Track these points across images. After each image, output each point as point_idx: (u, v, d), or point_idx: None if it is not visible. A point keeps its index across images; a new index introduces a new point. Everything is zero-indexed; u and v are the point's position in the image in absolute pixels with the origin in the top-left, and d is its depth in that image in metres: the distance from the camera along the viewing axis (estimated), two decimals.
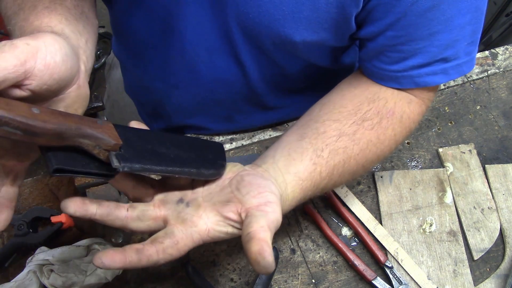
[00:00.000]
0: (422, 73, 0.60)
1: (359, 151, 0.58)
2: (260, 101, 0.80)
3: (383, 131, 0.60)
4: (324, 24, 0.59)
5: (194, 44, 0.67)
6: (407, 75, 0.61)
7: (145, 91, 0.85)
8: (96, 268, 0.61)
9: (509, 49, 0.97)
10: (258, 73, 0.72)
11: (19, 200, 0.75)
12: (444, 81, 0.62)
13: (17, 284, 0.60)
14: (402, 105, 0.62)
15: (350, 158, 0.58)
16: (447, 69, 0.60)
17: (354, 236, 0.73)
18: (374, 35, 0.59)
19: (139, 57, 0.77)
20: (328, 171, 0.56)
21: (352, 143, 0.58)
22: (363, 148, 0.58)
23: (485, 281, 0.70)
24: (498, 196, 0.77)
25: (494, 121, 0.86)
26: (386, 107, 0.61)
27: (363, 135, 0.59)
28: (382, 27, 0.57)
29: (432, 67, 0.59)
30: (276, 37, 0.62)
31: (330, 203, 0.75)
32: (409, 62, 0.59)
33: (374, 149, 0.59)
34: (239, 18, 0.61)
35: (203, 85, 0.75)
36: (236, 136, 0.84)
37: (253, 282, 0.68)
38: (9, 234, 0.72)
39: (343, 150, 0.57)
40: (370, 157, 0.60)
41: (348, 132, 0.58)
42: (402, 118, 0.62)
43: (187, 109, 0.82)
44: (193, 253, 0.71)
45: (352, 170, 0.59)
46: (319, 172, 0.56)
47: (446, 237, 0.73)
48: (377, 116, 0.60)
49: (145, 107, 0.93)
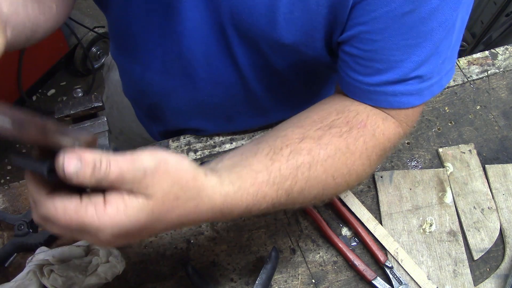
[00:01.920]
0: (397, 91, 0.56)
1: (327, 157, 0.52)
2: (258, 103, 0.80)
3: (353, 140, 0.54)
4: (317, 25, 0.58)
5: (191, 48, 0.67)
6: (381, 91, 0.56)
7: (143, 95, 0.85)
8: (96, 268, 0.61)
9: (509, 49, 0.97)
10: (255, 75, 0.72)
11: (19, 200, 0.75)
12: (418, 102, 0.57)
13: (17, 284, 0.60)
14: (376, 119, 0.57)
15: (317, 162, 0.52)
16: (422, 89, 0.56)
17: (354, 236, 0.73)
18: (350, 37, 0.56)
19: (136, 61, 0.77)
20: (291, 170, 0.50)
21: (318, 146, 0.52)
22: (331, 154, 0.52)
23: (485, 281, 0.70)
24: (498, 196, 0.77)
25: (494, 121, 0.86)
26: (356, 118, 0.56)
27: (330, 141, 0.53)
28: (358, 27, 0.54)
29: (407, 85, 0.56)
30: (270, 39, 0.61)
31: (330, 203, 0.75)
32: (384, 77, 0.55)
33: (343, 158, 0.53)
34: (233, 21, 0.61)
35: (200, 88, 0.75)
36: (236, 136, 0.84)
37: (253, 282, 0.68)
38: (9, 234, 0.72)
39: (307, 152, 0.52)
40: (340, 167, 0.53)
41: (313, 136, 0.53)
42: (375, 132, 0.56)
43: (185, 112, 0.82)
44: (193, 253, 0.71)
45: (321, 180, 0.52)
46: (278, 168, 0.49)
47: (446, 237, 0.73)
48: (346, 125, 0.55)
49: (144, 110, 0.93)
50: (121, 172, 0.37)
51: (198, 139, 0.84)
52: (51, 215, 0.38)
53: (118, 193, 0.38)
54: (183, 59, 0.69)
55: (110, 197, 0.38)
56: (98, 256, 0.62)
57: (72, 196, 0.38)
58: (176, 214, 0.42)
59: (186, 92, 0.77)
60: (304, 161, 0.51)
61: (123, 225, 0.38)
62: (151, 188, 0.39)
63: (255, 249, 0.72)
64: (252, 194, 0.47)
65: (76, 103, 0.66)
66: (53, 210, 0.37)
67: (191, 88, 0.75)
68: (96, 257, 0.62)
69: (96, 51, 2.19)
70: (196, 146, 0.83)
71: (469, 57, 0.95)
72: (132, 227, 0.39)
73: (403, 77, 0.55)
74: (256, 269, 0.70)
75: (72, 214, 0.37)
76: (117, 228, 0.38)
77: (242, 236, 0.73)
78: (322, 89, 0.83)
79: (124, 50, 0.78)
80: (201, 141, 0.84)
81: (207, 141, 0.84)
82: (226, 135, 0.84)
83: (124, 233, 0.39)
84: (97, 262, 0.62)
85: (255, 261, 0.71)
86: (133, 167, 0.38)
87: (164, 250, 0.72)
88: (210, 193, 0.44)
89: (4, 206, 0.75)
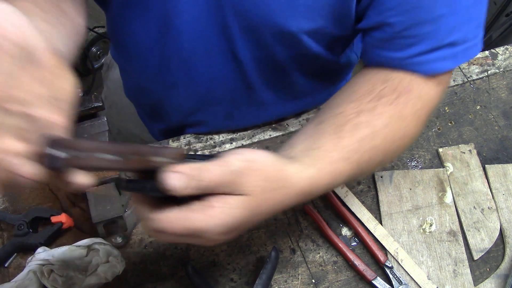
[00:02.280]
0: (430, 59, 0.58)
1: (384, 126, 0.56)
2: (257, 98, 0.80)
3: (403, 106, 0.57)
4: (321, 11, 0.59)
5: (191, 43, 0.67)
6: (415, 62, 0.58)
7: (144, 93, 0.85)
8: (96, 268, 0.61)
9: (509, 49, 0.97)
10: (256, 69, 0.72)
11: (19, 200, 0.75)
12: (453, 66, 0.60)
13: (17, 284, 0.60)
14: (418, 82, 0.59)
15: (377, 132, 0.55)
16: (456, 53, 0.58)
17: (354, 236, 0.73)
18: (379, 24, 0.58)
19: (136, 59, 0.77)
20: (357, 144, 0.54)
21: (374, 117, 0.56)
22: (387, 122, 0.56)
23: (485, 281, 0.70)
24: (498, 196, 0.77)
25: (494, 121, 0.86)
26: (401, 84, 0.59)
27: (383, 110, 0.56)
28: (386, 14, 0.56)
29: (440, 52, 0.58)
30: (274, 28, 0.61)
31: (330, 203, 0.75)
32: (416, 49, 0.57)
33: (398, 124, 0.57)
34: (236, 12, 0.61)
35: (200, 83, 0.75)
36: (236, 136, 0.84)
37: (253, 282, 0.68)
38: (9, 234, 0.72)
39: (366, 124, 0.55)
40: (396, 133, 0.57)
41: (368, 108, 0.56)
42: (420, 94, 0.59)
43: (186, 109, 0.82)
44: (193, 253, 0.71)
45: (383, 147, 0.56)
46: (346, 144, 0.53)
47: (446, 237, 0.73)
48: (393, 93, 0.58)
49: (144, 108, 0.93)
50: (219, 178, 0.41)
51: (198, 139, 0.84)
52: (165, 227, 0.42)
53: (218, 196, 0.42)
54: (183, 54, 0.69)
55: (212, 201, 0.42)
56: (98, 256, 0.62)
57: (175, 207, 0.42)
58: (270, 204, 0.46)
59: (186, 88, 0.77)
60: (366, 133, 0.55)
61: (228, 224, 0.43)
62: (246, 186, 0.43)
63: (255, 249, 0.72)
64: (330, 172, 0.52)
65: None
66: (166, 223, 0.42)
67: (191, 84, 0.75)
68: (96, 257, 0.62)
69: (96, 51, 2.19)
70: (196, 146, 0.83)
71: None
72: (236, 223, 0.43)
73: (436, 45, 0.57)
74: (256, 269, 0.70)
75: (183, 222, 0.41)
76: (224, 227, 0.42)
77: (242, 236, 0.73)
78: (322, 80, 0.83)
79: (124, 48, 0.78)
80: (201, 141, 0.84)
81: (207, 141, 0.84)
82: (226, 134, 0.84)
83: (229, 230, 0.43)
84: (97, 262, 0.62)
85: (255, 261, 0.71)
86: (229, 171, 0.42)
87: (164, 250, 0.72)
88: (296, 179, 0.48)
89: (4, 206, 0.75)
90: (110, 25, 0.76)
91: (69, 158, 0.35)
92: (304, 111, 0.87)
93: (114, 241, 0.70)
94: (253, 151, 0.45)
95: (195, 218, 0.42)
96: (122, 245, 0.71)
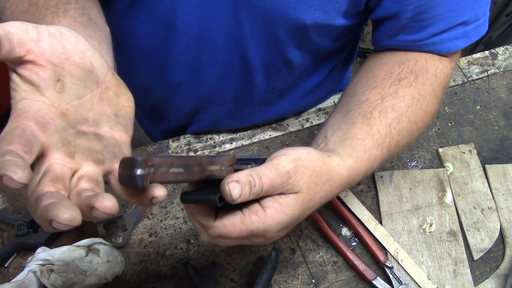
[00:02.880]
0: (444, 39, 0.61)
1: (407, 108, 0.59)
2: (261, 98, 0.80)
3: (422, 86, 0.61)
4: (335, 3, 0.60)
5: (197, 43, 0.67)
6: (429, 43, 0.62)
7: (146, 94, 0.85)
8: (96, 268, 0.61)
9: (509, 49, 0.97)
10: (263, 69, 0.73)
11: (19, 200, 0.75)
12: (465, 44, 0.63)
13: (17, 284, 0.60)
14: (433, 61, 0.63)
15: (401, 115, 0.58)
16: (468, 32, 0.62)
17: (354, 236, 0.73)
18: (396, 13, 0.60)
19: (139, 60, 0.77)
20: (386, 129, 0.57)
21: (398, 101, 0.59)
22: (409, 104, 0.59)
23: (485, 281, 0.70)
24: (498, 196, 0.77)
25: (494, 121, 0.86)
26: (417, 65, 0.62)
27: (404, 92, 0.59)
28: (404, 2, 0.58)
29: (453, 31, 0.61)
30: (288, 22, 0.62)
31: (330, 203, 0.75)
32: (431, 30, 0.60)
33: (419, 104, 0.60)
34: (251, 9, 0.61)
35: (205, 84, 0.75)
36: (236, 136, 0.84)
37: (253, 282, 0.68)
38: (9, 234, 0.72)
39: (391, 108, 0.58)
40: (418, 113, 0.60)
41: (390, 92, 0.59)
42: (436, 73, 0.62)
43: (188, 109, 0.82)
44: (193, 253, 0.71)
45: (408, 129, 0.59)
46: (376, 131, 0.56)
47: (446, 237, 0.73)
48: (411, 74, 0.61)
49: (145, 109, 0.93)
50: (271, 182, 0.44)
51: (198, 139, 0.84)
52: (224, 233, 0.45)
53: (271, 197, 0.45)
54: (190, 54, 0.69)
55: (266, 202, 0.45)
56: (98, 256, 0.62)
57: (230, 212, 0.45)
58: (318, 197, 0.49)
59: (190, 88, 0.77)
60: (393, 118, 0.58)
61: (283, 221, 0.45)
62: (296, 185, 0.46)
63: (255, 249, 0.72)
64: (366, 160, 0.55)
65: None
66: (224, 229, 0.45)
67: (195, 84, 0.75)
68: (96, 257, 0.62)
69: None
70: (196, 146, 0.83)
71: (469, 57, 0.95)
72: (290, 220, 0.46)
73: (448, 26, 0.61)
74: (256, 269, 0.70)
75: (241, 226, 0.44)
76: (280, 225, 0.45)
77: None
78: (323, 79, 0.84)
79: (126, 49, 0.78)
80: (201, 141, 0.84)
81: (207, 141, 0.84)
82: (226, 134, 0.84)
83: (285, 227, 0.47)
84: (97, 262, 0.62)
85: (255, 261, 0.71)
86: (279, 174, 0.45)
87: (164, 250, 0.72)
88: (338, 171, 0.51)
89: (4, 206, 0.75)
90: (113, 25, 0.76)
91: (151, 175, 0.37)
92: (303, 111, 0.87)
93: (114, 241, 0.70)
94: (297, 149, 0.48)
95: (252, 221, 0.44)
96: (122, 245, 0.71)
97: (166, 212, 0.75)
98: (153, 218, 0.74)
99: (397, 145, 0.59)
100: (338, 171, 0.51)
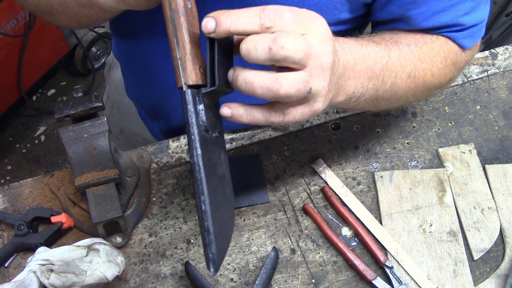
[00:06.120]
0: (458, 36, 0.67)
1: (410, 45, 0.64)
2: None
3: (429, 39, 0.66)
4: (334, 10, 0.62)
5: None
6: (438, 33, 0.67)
7: (146, 92, 0.85)
8: (96, 268, 0.61)
9: (509, 49, 0.97)
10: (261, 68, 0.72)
11: (19, 200, 0.75)
12: (470, 45, 0.69)
13: (17, 284, 0.60)
14: (446, 38, 0.67)
15: (403, 50, 0.62)
16: (473, 32, 0.67)
17: (354, 236, 0.73)
18: (400, 17, 0.64)
19: (140, 58, 0.77)
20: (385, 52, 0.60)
21: (401, 39, 0.65)
22: (414, 43, 0.64)
23: (485, 281, 0.70)
24: (498, 196, 0.77)
25: (494, 121, 0.86)
26: (428, 34, 0.67)
27: (409, 39, 0.65)
28: (408, 6, 0.62)
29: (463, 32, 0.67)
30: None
31: (330, 203, 0.75)
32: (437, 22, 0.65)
33: (425, 48, 0.65)
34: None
35: None
36: (236, 136, 0.84)
37: (253, 282, 0.68)
38: (9, 234, 0.72)
39: (394, 44, 0.63)
40: (424, 56, 0.64)
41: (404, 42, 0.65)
42: (448, 41, 0.67)
43: None
44: (193, 253, 0.71)
45: (411, 60, 0.62)
46: (396, 56, 0.60)
47: (446, 237, 0.73)
48: (420, 35, 0.66)
49: (146, 107, 0.93)
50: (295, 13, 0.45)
51: None
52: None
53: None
54: None
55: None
56: (98, 256, 0.62)
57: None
58: (348, 55, 0.52)
59: None
60: (399, 51, 0.61)
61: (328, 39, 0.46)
62: (317, 25, 0.46)
63: (255, 249, 0.72)
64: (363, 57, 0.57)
65: (76, 103, 0.66)
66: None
67: None
68: (96, 257, 0.62)
69: (96, 51, 2.19)
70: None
71: None
72: (333, 43, 0.47)
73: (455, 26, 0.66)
74: (256, 269, 0.70)
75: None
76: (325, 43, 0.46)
77: (242, 236, 0.73)
78: None
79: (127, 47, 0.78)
80: None
81: None
82: (226, 135, 0.84)
83: (331, 48, 0.46)
84: (97, 262, 0.62)
85: (255, 261, 0.71)
86: (300, 10, 0.45)
87: (164, 250, 0.72)
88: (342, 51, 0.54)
89: (4, 206, 0.75)
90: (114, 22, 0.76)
91: None
92: None
93: (114, 241, 0.70)
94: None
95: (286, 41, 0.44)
96: (122, 245, 0.71)
97: (166, 212, 0.75)
98: (153, 218, 0.74)
99: (395, 79, 0.61)
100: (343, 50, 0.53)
